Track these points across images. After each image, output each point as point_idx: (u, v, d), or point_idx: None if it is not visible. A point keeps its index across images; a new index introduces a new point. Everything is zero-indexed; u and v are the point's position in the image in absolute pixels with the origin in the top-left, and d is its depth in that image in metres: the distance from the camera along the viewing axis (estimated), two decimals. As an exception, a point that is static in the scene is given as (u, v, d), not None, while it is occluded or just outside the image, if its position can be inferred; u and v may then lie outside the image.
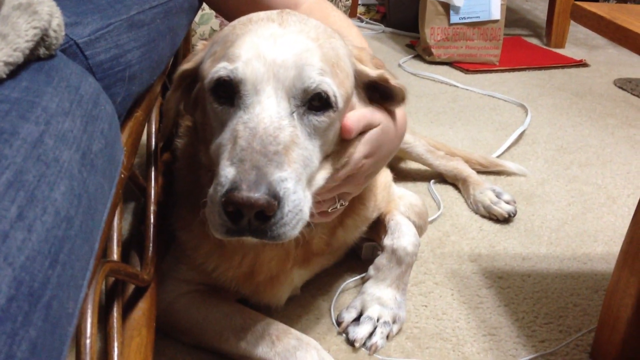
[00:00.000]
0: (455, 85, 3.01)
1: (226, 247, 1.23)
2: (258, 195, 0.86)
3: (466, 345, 1.35)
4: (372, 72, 1.12)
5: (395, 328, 1.36)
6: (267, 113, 0.94)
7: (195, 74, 1.10)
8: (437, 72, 3.17)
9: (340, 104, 1.02)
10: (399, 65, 3.27)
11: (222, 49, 1.03)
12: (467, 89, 2.97)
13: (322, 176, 1.05)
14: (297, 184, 0.94)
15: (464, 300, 1.50)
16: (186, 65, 1.10)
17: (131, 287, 1.17)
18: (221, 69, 0.97)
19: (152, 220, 1.25)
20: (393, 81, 1.13)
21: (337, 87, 1.01)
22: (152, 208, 1.26)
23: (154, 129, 1.36)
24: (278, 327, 1.23)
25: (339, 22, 1.32)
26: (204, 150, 1.09)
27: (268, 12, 1.09)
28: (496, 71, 3.28)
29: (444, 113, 2.69)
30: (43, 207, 0.57)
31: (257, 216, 0.89)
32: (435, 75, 3.12)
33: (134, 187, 1.26)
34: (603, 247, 1.76)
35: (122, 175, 0.94)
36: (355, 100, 1.11)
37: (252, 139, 0.91)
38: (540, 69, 3.35)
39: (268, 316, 1.26)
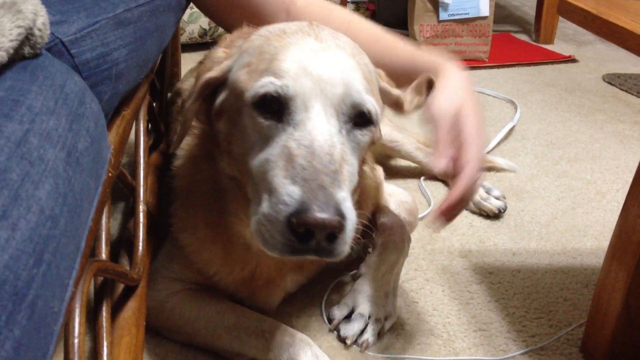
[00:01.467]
0: (444, 82, 3.01)
1: (232, 254, 1.23)
2: (331, 217, 0.87)
3: (457, 341, 1.35)
4: (394, 91, 1.15)
5: (386, 325, 1.36)
6: (319, 130, 0.95)
7: (218, 83, 1.08)
8: (427, 69, 3.17)
9: (379, 120, 1.05)
10: (389, 63, 3.26)
11: (260, 61, 1.01)
12: (456, 86, 2.97)
13: None
14: (350, 200, 0.95)
15: (454, 296, 1.50)
16: (211, 74, 1.07)
17: (121, 287, 1.17)
18: (268, 84, 0.96)
19: (141, 219, 1.25)
20: (407, 105, 1.16)
21: (376, 102, 1.03)
22: (141, 207, 1.26)
23: (142, 128, 1.35)
24: (271, 324, 1.23)
25: (344, 16, 1.32)
26: (227, 160, 1.08)
27: (298, 24, 1.09)
28: (485, 67, 3.29)
29: (434, 110, 2.68)
30: (27, 206, 0.57)
31: (327, 237, 0.89)
32: (425, 72, 3.12)
33: (123, 186, 1.26)
34: (593, 241, 1.76)
35: (110, 174, 0.93)
36: None
37: (312, 158, 0.91)
38: (529, 65, 3.36)
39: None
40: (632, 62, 3.41)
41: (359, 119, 1.01)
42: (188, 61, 2.07)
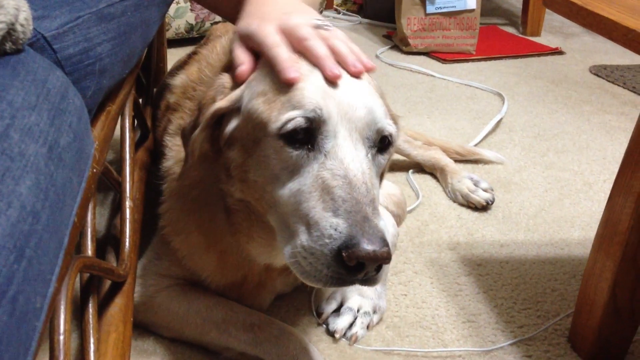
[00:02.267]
0: (432, 75, 3.02)
1: (226, 262, 1.23)
2: (382, 249, 0.87)
3: (446, 333, 1.35)
4: (392, 113, 1.14)
5: (375, 318, 1.36)
6: (351, 158, 0.94)
7: (227, 112, 1.05)
8: (414, 62, 3.18)
9: (396, 139, 1.06)
10: (377, 56, 3.26)
11: (277, 90, 0.98)
12: (444, 79, 2.98)
13: None
14: (385, 223, 0.96)
15: (443, 288, 1.50)
16: (221, 104, 1.03)
17: (108, 283, 1.17)
18: (296, 115, 0.94)
19: (127, 215, 1.24)
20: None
21: (393, 125, 1.03)
22: (127, 203, 1.25)
23: (127, 123, 1.34)
24: (260, 318, 1.23)
25: None
26: (239, 187, 1.06)
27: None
28: (473, 60, 3.29)
29: (422, 103, 2.69)
30: (8, 202, 0.56)
31: (376, 267, 0.90)
32: (412, 66, 3.12)
33: (109, 182, 1.25)
34: (580, 232, 1.77)
35: (94, 170, 0.93)
36: None
37: (350, 189, 0.91)
38: (516, 57, 3.36)
39: (247, 309, 1.26)
40: (619, 54, 3.43)
41: (380, 143, 1.01)
42: (174, 56, 2.05)
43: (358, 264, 0.87)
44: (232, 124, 1.04)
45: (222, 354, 1.23)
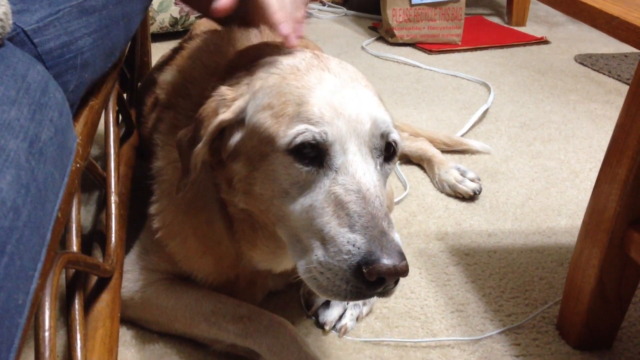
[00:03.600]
0: (418, 66, 3.02)
1: (222, 265, 1.23)
2: (401, 263, 0.88)
3: (435, 323, 1.36)
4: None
5: (365, 310, 1.36)
6: (362, 172, 0.94)
7: (231, 125, 1.04)
8: (400, 54, 3.17)
9: (400, 147, 1.05)
10: (362, 48, 3.26)
11: (284, 104, 0.97)
12: (430, 70, 2.98)
13: None
14: None
15: (431, 278, 1.50)
16: (224, 116, 1.02)
17: (94, 279, 1.16)
18: (305, 131, 0.94)
19: (113, 211, 1.23)
20: None
21: (397, 133, 1.03)
22: (112, 198, 1.25)
23: (111, 118, 1.33)
24: (249, 309, 1.22)
25: None
26: (243, 199, 1.05)
27: (304, 56, 1.06)
28: (459, 51, 3.29)
29: (408, 94, 2.69)
30: (-13, 197, 0.55)
31: (395, 281, 0.91)
32: (398, 57, 3.12)
33: (93, 177, 1.24)
34: (567, 220, 1.78)
35: (78, 165, 0.92)
36: None
37: (365, 204, 0.91)
38: (502, 47, 3.37)
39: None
40: (603, 42, 3.44)
41: (386, 152, 1.01)
42: (159, 50, 2.04)
43: (378, 279, 0.88)
44: (236, 137, 1.03)
45: (212, 347, 1.23)
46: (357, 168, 0.94)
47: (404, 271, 0.88)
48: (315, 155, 0.95)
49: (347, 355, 1.25)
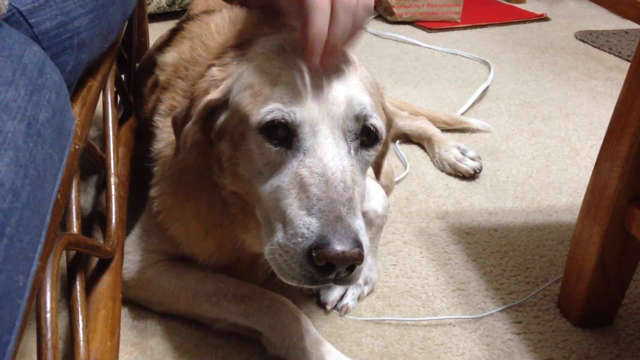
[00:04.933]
0: (418, 45, 3.00)
1: (223, 248, 1.22)
2: (352, 250, 0.86)
3: (436, 301, 1.36)
4: (388, 110, 1.12)
5: (366, 289, 1.36)
6: (330, 156, 0.93)
7: (219, 104, 1.04)
8: (400, 32, 3.15)
9: (384, 136, 1.03)
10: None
11: (262, 83, 0.97)
12: (430, 48, 2.96)
13: None
14: (364, 226, 0.94)
15: (432, 257, 1.50)
16: (212, 96, 1.02)
17: (95, 260, 1.16)
18: (275, 110, 0.93)
19: (112, 192, 1.23)
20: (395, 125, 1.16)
21: (380, 119, 1.01)
22: (112, 180, 1.24)
23: (109, 99, 1.32)
24: (251, 289, 1.22)
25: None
26: (231, 180, 1.05)
27: (293, 37, 1.03)
28: (458, 29, 3.28)
29: (408, 73, 2.67)
30: (-15, 179, 0.55)
31: (347, 268, 0.88)
32: (397, 35, 3.10)
33: (93, 159, 1.23)
34: (567, 198, 1.78)
35: (77, 147, 0.91)
36: None
37: (326, 187, 0.90)
38: (501, 24, 3.35)
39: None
40: (604, 19, 3.42)
41: (366, 137, 0.99)
42: (157, 31, 2.03)
43: (328, 264, 0.86)
44: (222, 117, 1.03)
45: (214, 326, 1.23)
46: (326, 151, 0.93)
47: (354, 258, 0.86)
48: (285, 135, 0.95)
49: (348, 334, 1.26)
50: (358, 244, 0.87)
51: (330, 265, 0.86)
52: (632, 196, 1.16)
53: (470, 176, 1.86)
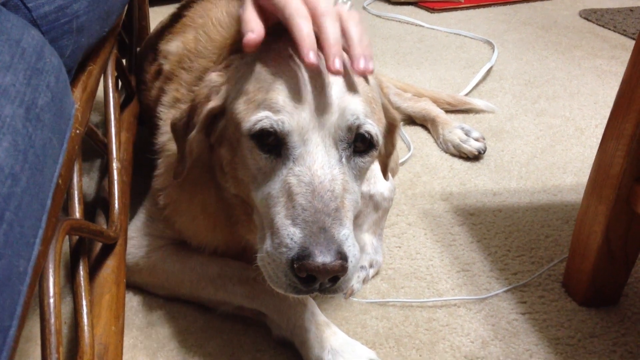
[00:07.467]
0: (421, 25, 2.98)
1: (232, 241, 1.22)
2: (333, 262, 0.85)
3: (440, 283, 1.36)
4: (391, 110, 1.11)
5: (371, 272, 1.36)
6: (319, 164, 0.92)
7: (220, 111, 1.03)
8: (402, 13, 3.13)
9: (381, 141, 1.01)
10: (364, 8, 3.21)
11: (257, 90, 0.96)
12: (433, 29, 2.94)
13: None
14: (352, 233, 0.93)
15: (437, 239, 1.50)
16: (212, 104, 1.01)
17: (99, 246, 1.16)
18: (264, 118, 0.92)
19: (115, 177, 1.23)
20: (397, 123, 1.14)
21: (377, 125, 0.98)
22: (114, 165, 1.24)
23: (110, 84, 1.32)
24: (255, 271, 1.22)
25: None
26: (233, 184, 1.05)
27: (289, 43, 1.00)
28: (461, 9, 3.25)
29: (411, 54, 2.66)
30: (-16, 164, 0.55)
31: (330, 279, 0.88)
32: (400, 16, 3.08)
33: (95, 144, 1.23)
34: (572, 177, 1.77)
35: (77, 131, 0.91)
36: None
37: (312, 197, 0.89)
38: (505, 4, 3.32)
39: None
40: (608, -3, 3.39)
41: (360, 143, 0.97)
42: (158, 15, 2.01)
43: (309, 275, 0.86)
44: (222, 123, 1.03)
45: (219, 309, 1.23)
46: (315, 159, 0.92)
47: (335, 271, 0.86)
48: (275, 143, 0.94)
49: (353, 316, 1.26)
50: (341, 255, 0.86)
51: (311, 276, 0.86)
52: (638, 175, 1.16)
53: (474, 157, 1.85)
